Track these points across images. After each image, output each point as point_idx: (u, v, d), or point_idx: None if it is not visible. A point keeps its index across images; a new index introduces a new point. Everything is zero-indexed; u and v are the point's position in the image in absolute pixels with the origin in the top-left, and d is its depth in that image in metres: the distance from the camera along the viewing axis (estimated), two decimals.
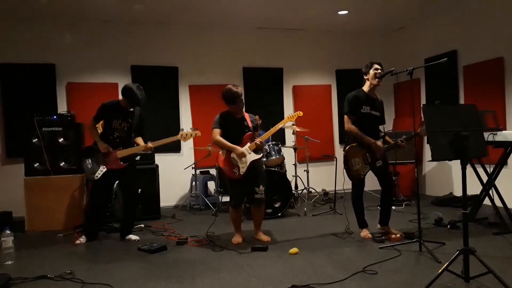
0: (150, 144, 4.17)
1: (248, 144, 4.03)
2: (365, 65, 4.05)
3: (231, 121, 4.09)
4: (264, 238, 4.15)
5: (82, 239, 4.28)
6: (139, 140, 4.31)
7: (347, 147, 4.02)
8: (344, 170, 4.03)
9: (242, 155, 3.98)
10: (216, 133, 4.05)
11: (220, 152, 4.13)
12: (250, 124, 4.12)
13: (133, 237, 4.36)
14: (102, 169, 4.13)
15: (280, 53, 7.24)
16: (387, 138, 4.12)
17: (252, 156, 4.02)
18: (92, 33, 6.30)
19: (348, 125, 4.01)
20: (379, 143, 3.94)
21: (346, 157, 3.99)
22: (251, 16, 6.48)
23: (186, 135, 4.14)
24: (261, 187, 4.07)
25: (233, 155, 4.01)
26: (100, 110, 4.23)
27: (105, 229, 4.73)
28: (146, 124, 4.45)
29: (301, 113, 4.23)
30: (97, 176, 4.11)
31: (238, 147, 4.00)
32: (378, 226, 4.19)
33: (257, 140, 4.01)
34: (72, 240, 4.34)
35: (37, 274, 3.25)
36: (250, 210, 4.50)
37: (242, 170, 3.99)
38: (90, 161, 4.18)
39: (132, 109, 4.26)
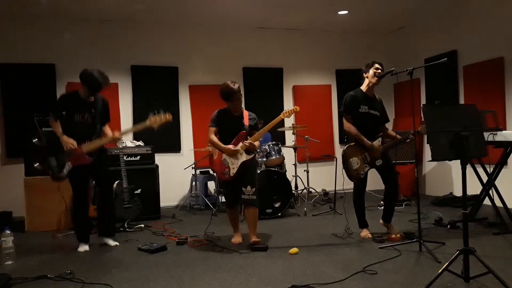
0: (116, 134, 3.93)
1: (240, 144, 3.93)
2: (366, 63, 4.05)
3: (228, 119, 4.00)
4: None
5: (84, 247, 3.98)
6: (107, 130, 4.05)
7: (346, 146, 4.03)
8: (344, 170, 4.03)
9: (233, 153, 3.91)
10: (211, 132, 3.99)
11: (213, 153, 4.09)
12: (247, 123, 4.01)
13: (111, 242, 4.08)
14: (68, 167, 3.80)
15: (280, 53, 7.24)
16: (390, 133, 4.13)
17: (243, 157, 3.93)
18: (92, 33, 6.30)
19: (346, 124, 4.02)
20: (377, 144, 3.93)
21: (344, 157, 3.99)
22: (251, 16, 6.48)
23: (156, 120, 3.82)
24: (249, 188, 3.91)
25: (224, 156, 3.97)
26: (59, 103, 3.92)
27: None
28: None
29: (297, 108, 3.89)
30: (63, 175, 3.81)
31: (229, 148, 3.92)
32: (381, 221, 4.19)
33: (247, 142, 3.88)
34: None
35: (37, 274, 3.24)
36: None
37: (232, 171, 3.93)
38: (54, 159, 3.80)
39: (93, 98, 3.95)
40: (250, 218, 4.00)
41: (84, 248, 3.98)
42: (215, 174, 4.83)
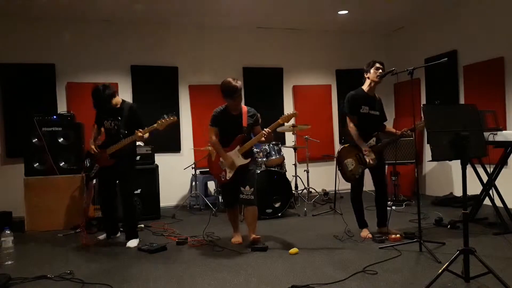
0: (135, 136, 4.04)
1: (238, 147, 3.96)
2: (367, 63, 4.05)
3: (227, 118, 3.99)
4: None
5: (101, 236, 4.40)
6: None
7: (340, 148, 4.07)
8: (339, 172, 4.03)
9: (232, 165, 3.94)
10: (212, 132, 4.01)
11: (210, 154, 4.14)
12: (245, 123, 3.99)
13: (131, 243, 4.10)
14: (96, 168, 4.26)
15: (280, 53, 7.23)
16: (390, 129, 4.16)
17: (240, 161, 3.95)
18: (92, 33, 6.30)
19: (350, 125, 4.01)
20: (372, 143, 3.94)
21: (339, 159, 4.01)
22: (251, 16, 6.48)
23: (162, 122, 4.05)
24: (247, 188, 3.92)
25: (221, 159, 4.00)
26: (96, 113, 4.37)
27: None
28: (146, 123, 4.23)
29: (296, 114, 3.84)
30: (92, 174, 4.32)
31: (228, 156, 3.94)
32: (377, 228, 4.19)
33: (246, 144, 3.93)
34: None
35: (37, 274, 3.25)
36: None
37: (229, 175, 3.97)
38: (88, 160, 4.37)
39: (118, 106, 4.22)
40: (249, 217, 4.00)
41: (99, 238, 4.41)
42: (214, 177, 4.85)
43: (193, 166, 6.06)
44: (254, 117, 4.06)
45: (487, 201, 4.38)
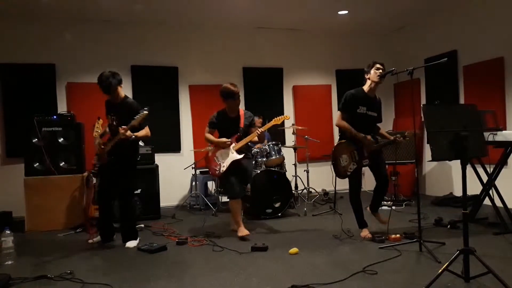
0: (121, 130, 3.81)
1: (233, 144, 4.29)
2: (368, 64, 4.06)
3: (225, 120, 4.34)
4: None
5: (96, 238, 4.25)
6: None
7: (336, 143, 4.11)
8: (332, 166, 4.08)
9: (225, 145, 4.26)
10: (206, 131, 4.43)
11: (208, 151, 4.44)
12: (242, 124, 4.32)
13: (130, 244, 4.07)
14: (97, 166, 4.21)
15: (280, 53, 7.24)
16: (383, 132, 4.19)
17: (234, 156, 4.25)
18: (92, 33, 6.30)
19: (338, 121, 4.07)
20: (369, 137, 3.97)
21: (334, 154, 4.05)
22: (251, 16, 6.48)
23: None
24: (249, 186, 4.30)
25: (217, 154, 4.31)
26: (105, 107, 4.24)
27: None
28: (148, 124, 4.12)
29: (288, 117, 4.38)
30: (95, 169, 4.26)
31: (220, 140, 4.30)
32: (368, 209, 4.24)
33: (241, 142, 4.24)
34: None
35: (37, 274, 3.24)
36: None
37: (222, 169, 4.27)
38: (96, 157, 4.26)
39: (119, 102, 4.07)
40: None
41: (93, 240, 4.26)
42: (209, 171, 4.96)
43: (193, 166, 6.06)
44: (250, 119, 4.40)
45: (487, 201, 4.38)
